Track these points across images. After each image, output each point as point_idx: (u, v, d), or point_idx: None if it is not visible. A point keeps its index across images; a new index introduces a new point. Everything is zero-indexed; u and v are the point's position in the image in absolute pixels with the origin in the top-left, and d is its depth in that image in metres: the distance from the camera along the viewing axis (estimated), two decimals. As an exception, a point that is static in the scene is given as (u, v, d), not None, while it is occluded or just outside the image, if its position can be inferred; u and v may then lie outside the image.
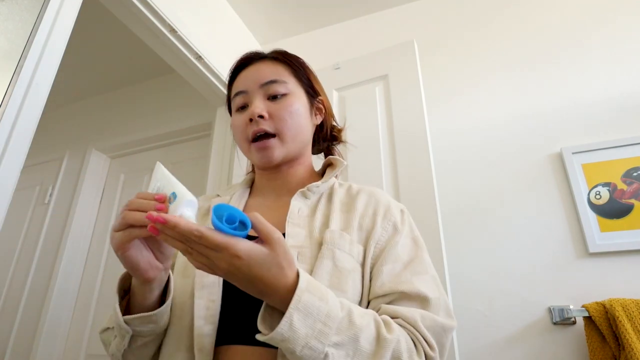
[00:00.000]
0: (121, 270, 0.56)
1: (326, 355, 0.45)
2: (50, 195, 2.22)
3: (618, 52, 1.43)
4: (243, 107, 0.72)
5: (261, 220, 0.45)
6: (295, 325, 0.44)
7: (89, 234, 2.13)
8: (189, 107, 2.16)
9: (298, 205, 0.66)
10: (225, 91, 1.72)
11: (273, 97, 0.70)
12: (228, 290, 0.58)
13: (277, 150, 0.68)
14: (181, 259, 0.66)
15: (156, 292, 0.54)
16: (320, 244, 0.60)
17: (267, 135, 0.68)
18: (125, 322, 0.53)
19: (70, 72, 2.32)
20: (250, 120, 0.68)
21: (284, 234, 0.61)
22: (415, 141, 1.30)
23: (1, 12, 0.88)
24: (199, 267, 0.45)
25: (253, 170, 0.81)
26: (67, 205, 2.14)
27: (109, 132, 2.34)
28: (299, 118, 0.70)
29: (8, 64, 0.87)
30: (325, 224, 0.64)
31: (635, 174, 1.24)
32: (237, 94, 0.72)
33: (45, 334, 1.84)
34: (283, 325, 0.43)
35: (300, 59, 0.78)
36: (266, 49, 0.78)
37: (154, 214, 0.43)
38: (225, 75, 1.66)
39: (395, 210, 0.68)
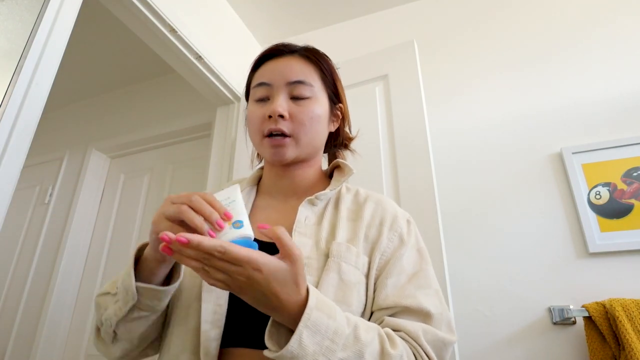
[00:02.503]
0: (121, 270, 0.56)
1: None
2: (50, 195, 2.22)
3: (618, 52, 1.43)
4: (263, 100, 0.69)
5: (286, 234, 0.45)
6: (304, 342, 0.44)
7: (89, 234, 2.13)
8: (189, 107, 2.16)
9: (305, 213, 0.66)
10: (224, 91, 1.72)
11: (296, 98, 0.68)
12: (235, 295, 0.59)
13: (290, 151, 0.67)
14: None
15: (164, 271, 0.55)
16: (326, 256, 0.60)
17: (283, 135, 0.66)
18: (136, 289, 0.53)
19: (70, 72, 2.32)
20: (270, 117, 0.66)
21: None
22: (415, 141, 1.30)
23: (1, 12, 0.88)
24: (212, 284, 0.44)
25: (261, 167, 0.81)
26: (67, 205, 2.14)
27: (109, 132, 2.34)
28: (317, 124, 0.69)
29: (8, 63, 0.87)
30: (332, 233, 0.63)
31: (635, 174, 1.24)
32: (260, 84, 0.70)
33: (45, 334, 1.84)
34: (293, 343, 0.44)
35: (330, 60, 0.76)
36: (296, 41, 0.76)
37: (171, 235, 0.41)
38: (225, 74, 1.66)
39: (401, 220, 0.67)
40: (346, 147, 0.83)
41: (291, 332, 0.46)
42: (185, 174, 2.07)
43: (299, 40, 0.78)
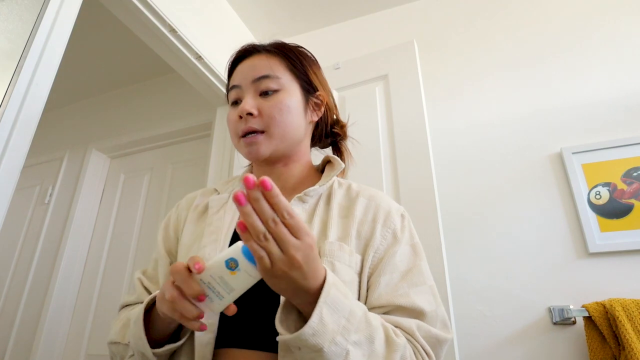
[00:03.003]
0: (120, 271, 0.55)
1: (347, 353, 0.45)
2: (50, 195, 2.22)
3: (618, 52, 1.43)
4: (236, 102, 0.71)
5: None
6: (325, 319, 0.44)
7: (89, 234, 2.13)
8: (189, 107, 2.16)
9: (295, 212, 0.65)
10: (225, 91, 1.73)
11: (264, 93, 0.68)
12: None
13: (264, 146, 0.66)
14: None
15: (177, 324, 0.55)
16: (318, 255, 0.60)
17: (255, 132, 0.67)
18: (156, 353, 0.53)
19: (70, 72, 2.32)
20: (240, 117, 0.67)
21: None
22: (415, 141, 1.30)
23: (1, 12, 0.88)
24: (260, 257, 0.41)
25: (251, 164, 0.80)
26: (67, 205, 2.14)
27: (109, 132, 2.34)
28: (289, 115, 0.67)
29: (8, 64, 0.87)
30: (323, 231, 0.62)
31: (635, 174, 1.24)
32: (232, 88, 0.72)
33: (45, 334, 1.84)
34: (314, 319, 0.43)
35: (302, 50, 0.75)
36: (266, 40, 0.76)
37: (254, 179, 0.39)
38: (225, 74, 1.66)
39: (395, 215, 0.66)
40: (336, 135, 0.81)
41: (300, 317, 0.46)
42: (185, 174, 2.07)
43: (299, 40, 0.78)
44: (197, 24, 1.56)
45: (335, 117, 0.81)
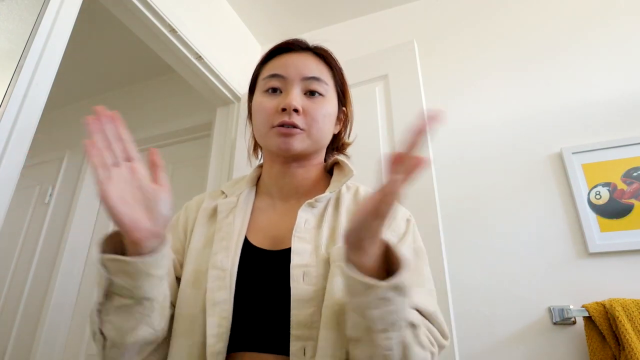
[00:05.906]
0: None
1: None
2: (50, 195, 2.22)
3: (618, 52, 1.42)
4: (275, 91, 0.69)
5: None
6: (405, 277, 0.45)
7: (89, 234, 2.13)
8: (189, 107, 2.16)
9: (305, 217, 0.64)
10: (224, 91, 1.72)
11: (311, 93, 0.68)
12: (238, 305, 0.57)
13: (299, 142, 0.66)
14: (190, 268, 0.62)
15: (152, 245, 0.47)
16: (325, 261, 0.58)
17: (294, 127, 0.65)
18: (103, 261, 0.45)
19: (70, 72, 2.32)
20: (283, 109, 0.65)
21: (289, 249, 0.60)
22: (415, 141, 1.30)
23: (1, 12, 0.88)
24: None
25: (260, 165, 0.79)
26: (67, 205, 2.14)
27: (109, 132, 2.34)
28: (328, 122, 0.69)
29: (8, 64, 0.87)
30: (332, 237, 0.62)
31: (635, 174, 1.24)
32: (273, 76, 0.69)
33: (45, 334, 1.84)
34: (403, 273, 0.44)
35: (339, 63, 0.78)
36: (309, 40, 0.76)
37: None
38: (225, 74, 1.66)
39: (400, 220, 0.67)
40: (342, 151, 0.82)
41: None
42: (185, 174, 2.07)
43: (306, 39, 0.78)
44: (197, 24, 1.56)
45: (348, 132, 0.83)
